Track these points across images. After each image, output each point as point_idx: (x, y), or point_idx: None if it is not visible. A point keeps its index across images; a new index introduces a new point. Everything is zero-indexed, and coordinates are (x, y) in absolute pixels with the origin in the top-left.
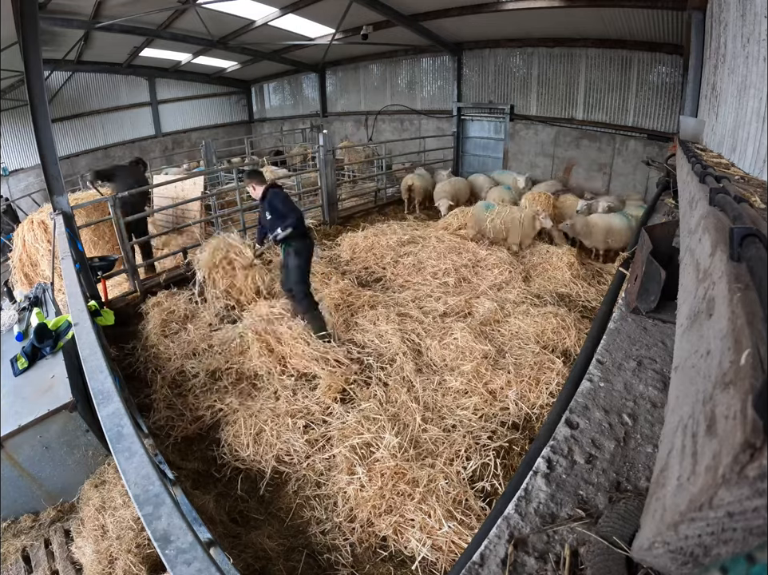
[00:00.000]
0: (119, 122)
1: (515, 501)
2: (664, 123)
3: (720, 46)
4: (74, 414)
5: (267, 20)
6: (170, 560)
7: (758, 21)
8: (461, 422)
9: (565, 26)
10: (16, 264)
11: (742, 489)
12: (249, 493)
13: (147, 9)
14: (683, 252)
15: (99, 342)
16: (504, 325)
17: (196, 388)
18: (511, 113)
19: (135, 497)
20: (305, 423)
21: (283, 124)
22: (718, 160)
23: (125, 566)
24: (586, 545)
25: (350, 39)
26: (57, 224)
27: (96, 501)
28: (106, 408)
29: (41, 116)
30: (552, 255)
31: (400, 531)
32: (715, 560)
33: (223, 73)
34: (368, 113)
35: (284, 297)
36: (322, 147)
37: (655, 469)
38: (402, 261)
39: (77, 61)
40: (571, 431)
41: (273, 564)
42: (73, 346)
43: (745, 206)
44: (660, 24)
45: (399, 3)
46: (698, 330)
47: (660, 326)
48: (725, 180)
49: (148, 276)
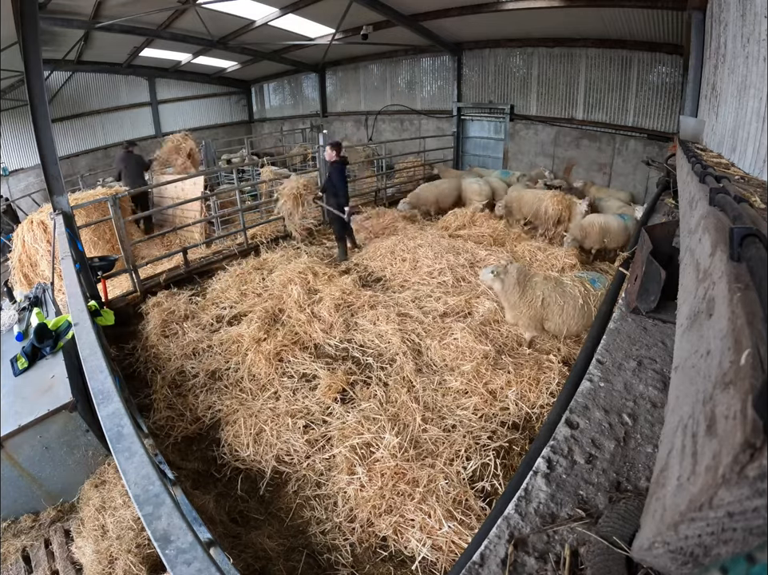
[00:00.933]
0: (119, 122)
1: (515, 501)
2: (664, 123)
3: (720, 46)
4: (74, 414)
5: (267, 20)
6: (170, 560)
7: (758, 21)
8: (461, 422)
9: (565, 26)
10: (15, 265)
11: (742, 489)
12: (249, 493)
13: (147, 9)
14: (683, 252)
15: (99, 342)
16: (504, 325)
17: (196, 388)
18: (511, 112)
19: (135, 497)
20: (305, 423)
21: (283, 124)
22: (718, 160)
23: (125, 566)
24: (586, 545)
25: (350, 39)
26: (57, 224)
27: (97, 501)
28: (106, 408)
29: (41, 116)
30: (552, 256)
31: (400, 531)
32: (715, 560)
33: (223, 73)
34: (368, 113)
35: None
36: (322, 147)
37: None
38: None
39: (77, 61)
40: (571, 431)
41: (273, 564)
42: (73, 346)
43: (745, 206)
44: (660, 24)
45: (399, 3)
46: (698, 330)
47: (660, 326)
48: (725, 180)
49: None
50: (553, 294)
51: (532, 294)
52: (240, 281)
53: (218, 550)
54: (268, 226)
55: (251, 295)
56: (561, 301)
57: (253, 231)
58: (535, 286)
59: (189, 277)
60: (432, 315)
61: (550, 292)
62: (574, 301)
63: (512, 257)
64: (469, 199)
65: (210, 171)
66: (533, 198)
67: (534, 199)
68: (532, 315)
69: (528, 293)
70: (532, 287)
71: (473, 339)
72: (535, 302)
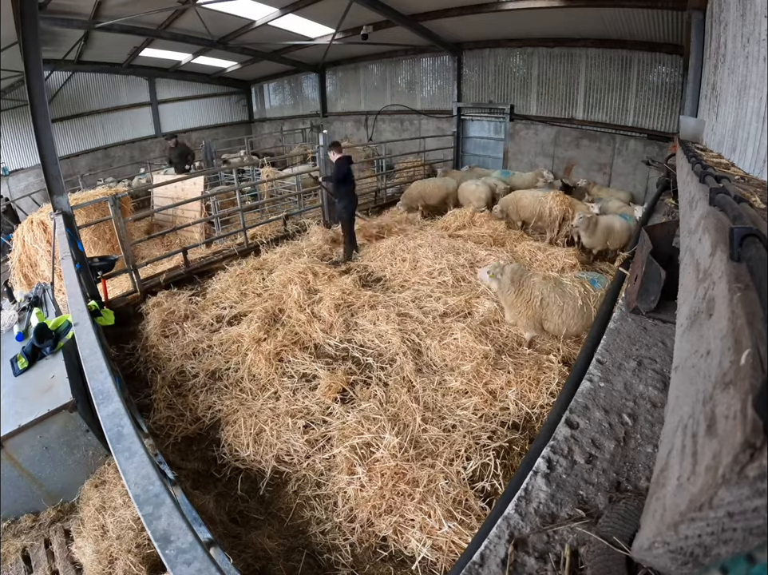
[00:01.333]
0: (119, 122)
1: (515, 501)
2: (664, 123)
3: (720, 46)
4: (74, 414)
5: (267, 20)
6: (170, 560)
7: (758, 21)
8: (461, 422)
9: (565, 26)
10: (15, 265)
11: (742, 489)
12: (249, 493)
13: (147, 9)
14: (683, 252)
15: (99, 342)
16: (504, 325)
17: (196, 388)
18: (511, 112)
19: (135, 497)
20: (305, 423)
21: (283, 124)
22: (718, 160)
23: (125, 566)
24: (586, 545)
25: (350, 39)
26: (57, 224)
27: (97, 501)
28: (106, 408)
29: (41, 116)
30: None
31: (400, 531)
32: (715, 560)
33: (223, 73)
34: (368, 113)
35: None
36: (322, 147)
37: (655, 469)
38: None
39: (77, 61)
40: (571, 431)
41: (273, 564)
42: (73, 346)
43: (745, 206)
44: (660, 24)
45: (399, 3)
46: (698, 330)
47: (660, 326)
48: (725, 180)
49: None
50: (552, 294)
51: (531, 294)
52: (240, 281)
53: (218, 550)
54: (268, 226)
55: (251, 295)
56: (561, 301)
57: (253, 231)
58: (533, 286)
59: (189, 277)
60: (432, 315)
61: (549, 292)
62: (573, 301)
63: (512, 257)
64: (467, 200)
65: (210, 171)
66: (533, 200)
67: (534, 201)
68: (531, 315)
69: (525, 293)
70: (529, 287)
71: (473, 339)
72: (533, 302)
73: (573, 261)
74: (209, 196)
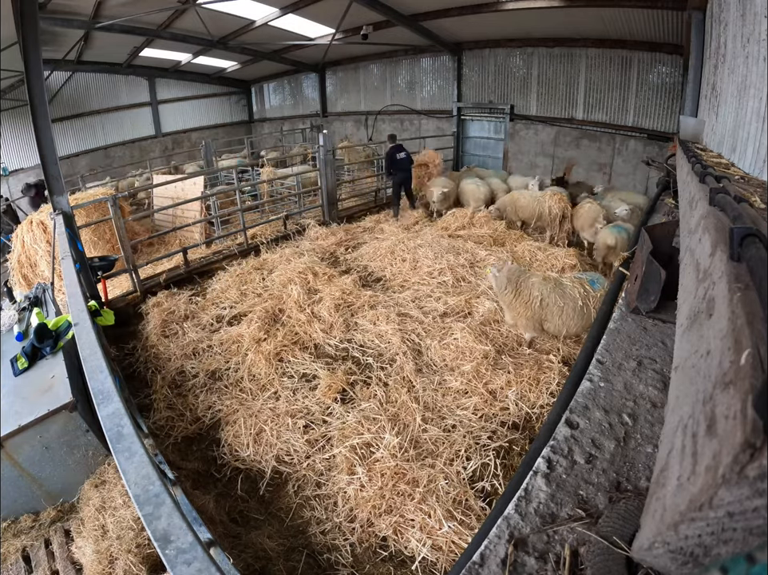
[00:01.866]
0: (119, 122)
1: (515, 501)
2: (664, 123)
3: (720, 46)
4: (74, 414)
5: (267, 20)
6: (170, 560)
7: (758, 21)
8: (461, 422)
9: (565, 26)
10: (15, 266)
11: (742, 489)
12: (249, 493)
13: (147, 9)
14: (683, 252)
15: (99, 342)
16: (504, 325)
17: (196, 388)
18: (511, 112)
19: (135, 497)
20: (305, 423)
21: (283, 124)
22: (718, 160)
23: (125, 566)
24: (586, 545)
25: (350, 39)
26: (57, 224)
27: (97, 501)
28: (106, 408)
29: (41, 116)
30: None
31: (400, 531)
32: (715, 560)
33: (223, 73)
34: (368, 113)
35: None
36: (322, 147)
37: (655, 469)
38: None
39: (77, 61)
40: (571, 431)
41: (273, 564)
42: (73, 346)
43: (745, 206)
44: (660, 24)
45: (399, 3)
46: (698, 330)
47: (660, 326)
48: (725, 180)
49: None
50: (552, 295)
51: (530, 295)
52: (240, 281)
53: (218, 550)
54: (268, 226)
55: (251, 295)
56: (561, 302)
57: (253, 231)
58: (532, 286)
59: (189, 277)
60: (432, 315)
61: (549, 293)
62: (574, 302)
63: (511, 257)
64: (467, 201)
65: (210, 171)
66: (531, 201)
67: (532, 202)
68: (530, 315)
69: (524, 294)
70: (528, 288)
71: (472, 338)
72: (532, 302)
73: (573, 261)
74: (209, 196)
